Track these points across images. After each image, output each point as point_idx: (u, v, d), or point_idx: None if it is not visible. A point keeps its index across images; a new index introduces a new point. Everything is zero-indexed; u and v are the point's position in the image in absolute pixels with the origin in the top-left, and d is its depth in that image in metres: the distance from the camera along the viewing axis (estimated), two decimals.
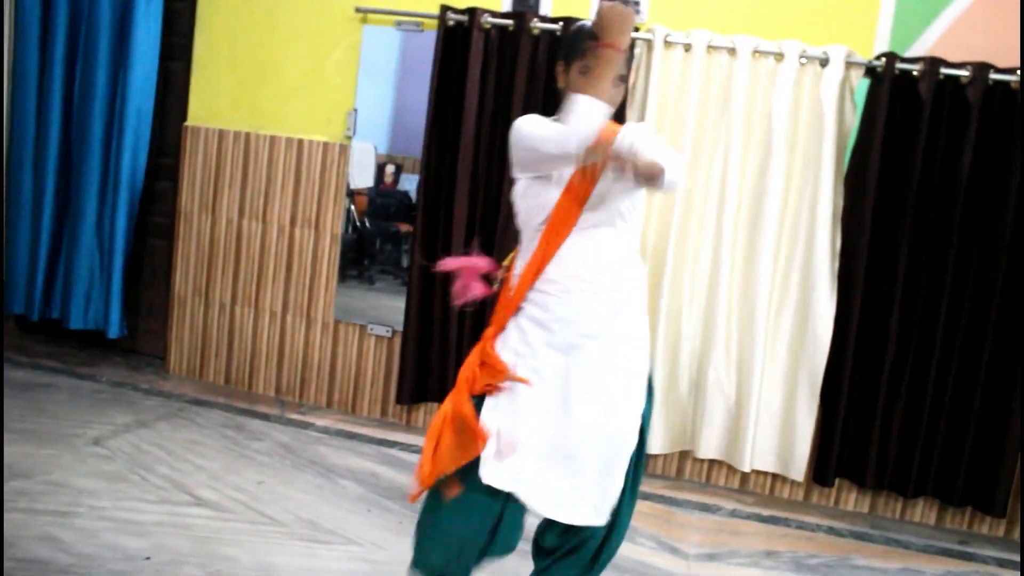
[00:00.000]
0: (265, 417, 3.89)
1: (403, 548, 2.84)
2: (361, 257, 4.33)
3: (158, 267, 4.37)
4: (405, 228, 4.11)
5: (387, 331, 3.97)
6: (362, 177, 4.16)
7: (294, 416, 3.94)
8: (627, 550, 3.06)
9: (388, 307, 4.01)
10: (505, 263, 2.18)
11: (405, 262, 3.99)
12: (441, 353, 3.83)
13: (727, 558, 3.11)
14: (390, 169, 4.19)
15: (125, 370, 4.27)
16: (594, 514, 2.00)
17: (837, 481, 3.61)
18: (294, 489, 3.21)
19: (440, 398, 3.87)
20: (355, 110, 3.91)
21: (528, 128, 1.98)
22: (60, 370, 4.15)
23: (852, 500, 3.65)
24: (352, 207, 4.31)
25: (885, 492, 3.59)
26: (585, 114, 1.86)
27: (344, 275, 4.07)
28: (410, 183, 4.01)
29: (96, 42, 4.00)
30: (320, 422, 3.91)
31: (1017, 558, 3.41)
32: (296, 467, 3.41)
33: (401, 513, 3.12)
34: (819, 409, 3.54)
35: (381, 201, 4.20)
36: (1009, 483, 3.43)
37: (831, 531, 3.42)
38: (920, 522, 3.60)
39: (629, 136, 1.99)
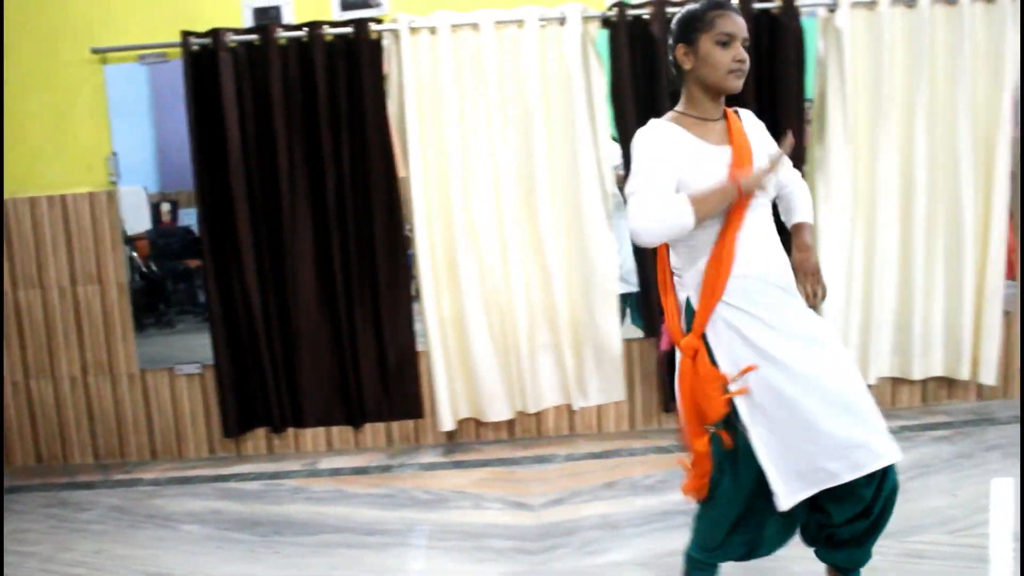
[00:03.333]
0: (88, 486, 3.72)
1: (261, 574, 2.85)
2: (156, 302, 4.22)
3: None
4: (195, 264, 4.03)
5: (197, 368, 3.88)
6: (138, 221, 4.04)
7: (120, 476, 3.80)
8: (475, 516, 3.20)
9: (195, 345, 3.91)
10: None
11: (202, 298, 3.91)
12: (259, 378, 3.79)
13: (571, 499, 3.27)
14: (166, 207, 4.10)
15: None
16: (892, 448, 2.06)
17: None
18: (135, 548, 3.11)
19: (268, 422, 3.84)
20: (115, 153, 3.78)
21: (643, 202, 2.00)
22: None
23: (673, 420, 3.91)
24: (134, 254, 4.18)
25: None
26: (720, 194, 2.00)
27: (141, 324, 3.95)
28: (189, 217, 3.93)
29: None
30: (149, 475, 3.78)
31: None
32: (133, 526, 3.30)
33: (251, 542, 3.10)
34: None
35: (163, 242, 4.11)
36: None
37: (660, 450, 3.67)
38: None
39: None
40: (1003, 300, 3.87)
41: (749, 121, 2.23)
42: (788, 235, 2.26)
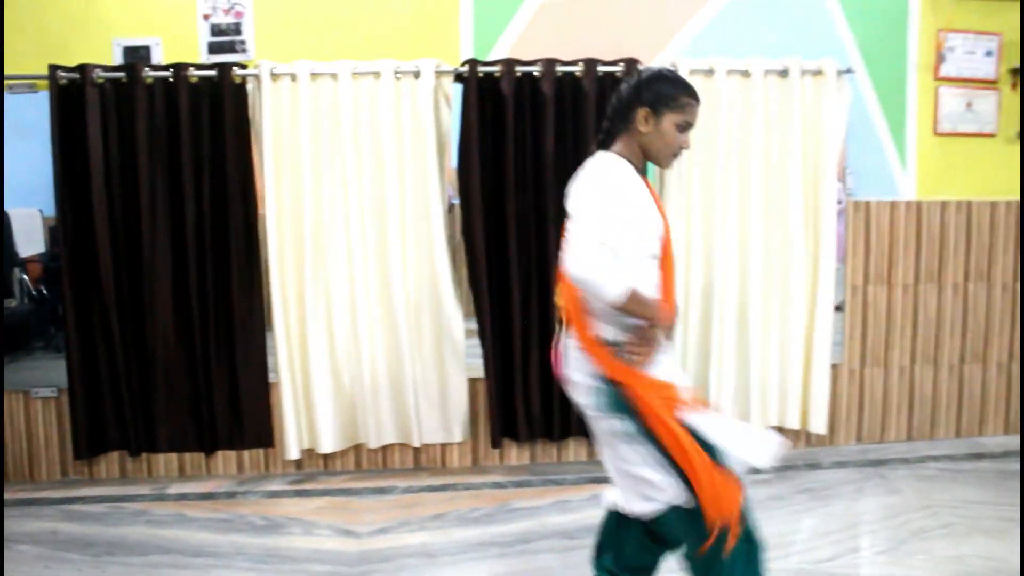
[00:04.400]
0: None
1: None
2: (45, 326, 4.27)
3: None
4: None
5: (53, 391, 3.96)
6: (31, 244, 4.11)
7: None
8: (302, 542, 3.34)
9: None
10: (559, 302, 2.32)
11: None
12: (115, 402, 3.89)
13: (397, 529, 3.43)
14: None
15: None
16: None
17: (503, 440, 4.04)
18: None
19: (123, 446, 3.94)
20: None
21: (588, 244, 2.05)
22: None
23: (514, 455, 4.10)
24: (25, 276, 4.24)
25: (542, 440, 4.07)
26: (648, 309, 2.12)
27: (30, 347, 4.01)
28: None
29: None
30: None
31: None
32: None
33: (80, 561, 3.20)
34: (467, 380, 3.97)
35: (56, 265, 4.12)
36: None
37: (495, 485, 3.85)
38: (574, 460, 4.12)
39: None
40: (829, 355, 4.14)
41: None
42: None
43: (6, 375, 3.98)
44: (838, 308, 4.18)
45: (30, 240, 4.07)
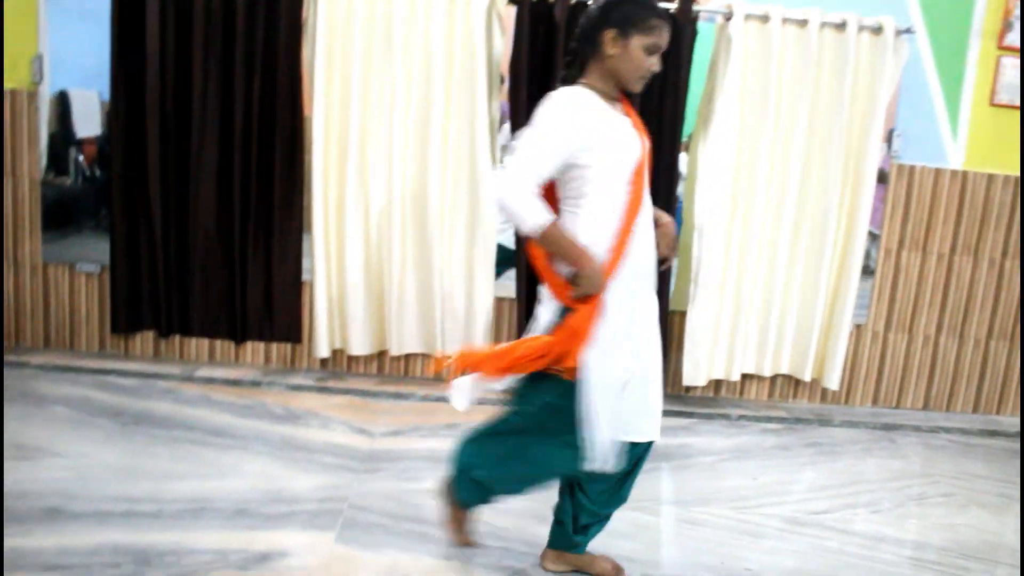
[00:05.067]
0: None
1: (108, 455, 3.13)
2: (96, 205, 4.41)
3: None
4: None
5: (95, 267, 4.12)
6: (88, 125, 4.22)
7: (9, 359, 4.04)
8: (317, 435, 3.48)
9: None
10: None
11: None
12: (152, 283, 4.05)
13: (410, 433, 3.57)
14: None
15: None
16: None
17: None
18: None
19: (156, 326, 4.11)
20: (40, 55, 3.98)
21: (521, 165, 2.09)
22: None
23: None
24: (80, 157, 4.37)
25: None
26: (566, 251, 2.13)
27: (80, 224, 4.17)
28: None
29: None
30: (36, 360, 4.04)
31: (667, 407, 4.06)
32: (5, 401, 3.55)
33: (109, 427, 3.38)
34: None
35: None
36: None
37: None
38: None
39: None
40: (852, 314, 4.15)
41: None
42: None
43: (57, 249, 4.16)
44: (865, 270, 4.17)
45: (87, 121, 4.17)
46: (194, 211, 3.98)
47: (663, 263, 2.40)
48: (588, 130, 2.13)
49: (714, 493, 3.27)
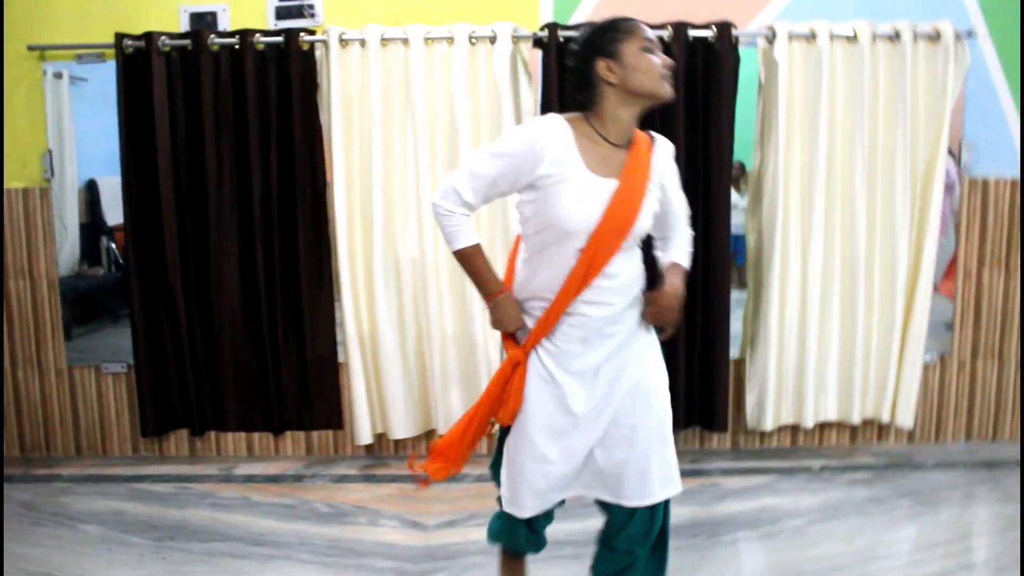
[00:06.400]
0: (8, 479, 3.76)
1: None
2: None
3: None
4: None
5: (123, 367, 3.91)
6: (118, 213, 4.06)
7: (40, 472, 3.83)
8: (367, 533, 3.20)
9: None
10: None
11: None
12: (180, 380, 3.82)
13: (466, 522, 3.27)
14: None
15: None
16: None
17: None
18: (30, 546, 3.12)
19: (188, 424, 3.87)
20: (49, 151, 3.80)
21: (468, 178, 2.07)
22: None
23: None
24: (112, 244, 4.22)
25: None
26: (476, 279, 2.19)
27: (116, 316, 4.00)
28: None
29: None
30: (67, 471, 3.82)
31: (742, 464, 3.75)
32: (36, 523, 3.33)
33: (143, 546, 3.13)
34: None
35: None
36: (726, 398, 3.76)
37: None
38: None
39: None
40: (924, 343, 3.80)
41: (662, 152, 2.16)
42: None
43: (89, 343, 4.01)
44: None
45: (118, 208, 3.98)
46: (217, 295, 3.75)
47: (660, 331, 2.26)
48: (538, 169, 2.00)
49: (807, 564, 2.93)
